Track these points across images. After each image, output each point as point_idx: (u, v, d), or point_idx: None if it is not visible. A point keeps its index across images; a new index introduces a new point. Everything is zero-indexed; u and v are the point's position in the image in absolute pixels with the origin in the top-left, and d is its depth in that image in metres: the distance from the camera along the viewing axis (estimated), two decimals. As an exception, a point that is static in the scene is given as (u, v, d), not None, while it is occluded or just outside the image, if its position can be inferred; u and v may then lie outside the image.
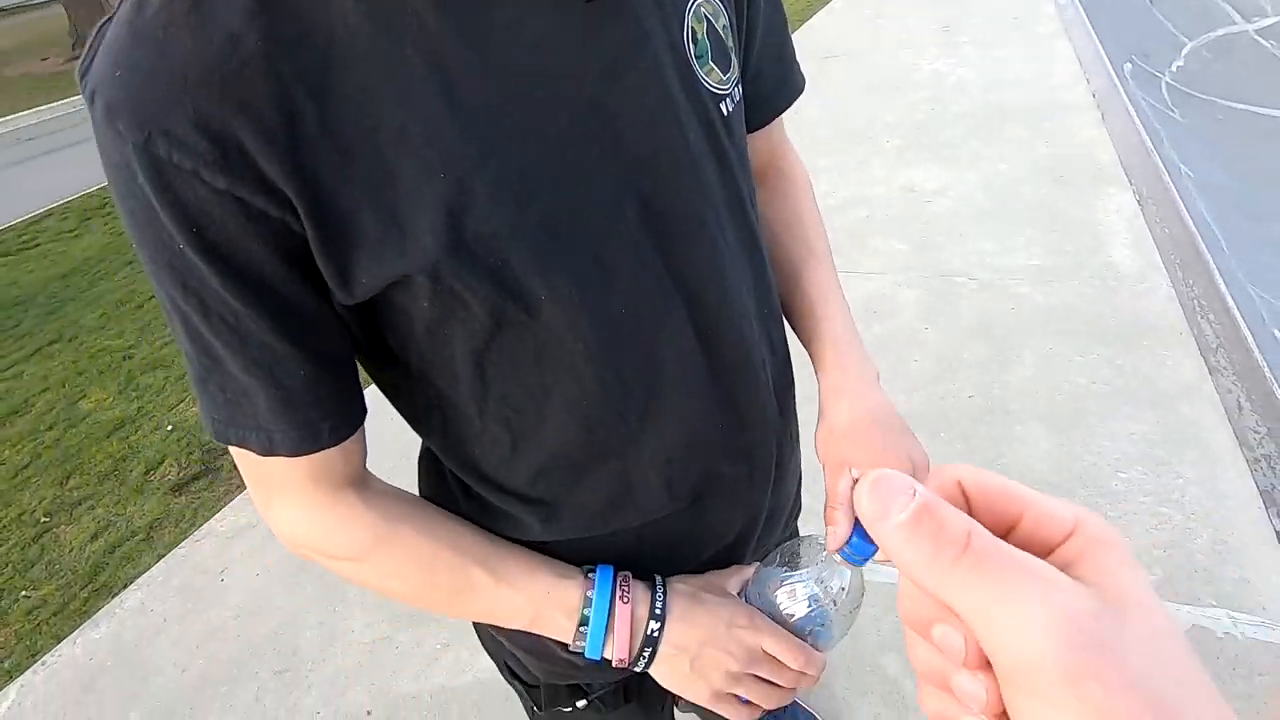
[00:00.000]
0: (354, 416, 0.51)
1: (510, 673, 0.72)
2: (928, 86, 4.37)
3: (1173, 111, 5.71)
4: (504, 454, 0.54)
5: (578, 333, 0.48)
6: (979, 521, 0.21)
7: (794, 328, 0.68)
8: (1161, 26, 6.73)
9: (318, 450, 0.48)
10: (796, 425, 0.71)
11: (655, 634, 0.55)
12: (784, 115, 0.70)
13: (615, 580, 0.56)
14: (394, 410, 0.58)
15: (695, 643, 0.55)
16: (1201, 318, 2.15)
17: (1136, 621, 0.19)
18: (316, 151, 0.39)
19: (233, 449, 0.49)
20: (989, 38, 4.99)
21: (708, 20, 0.49)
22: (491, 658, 0.74)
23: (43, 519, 2.43)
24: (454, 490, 0.60)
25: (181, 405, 2.89)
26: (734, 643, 0.55)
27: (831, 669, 1.50)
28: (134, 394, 3.05)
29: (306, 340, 0.45)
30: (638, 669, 0.57)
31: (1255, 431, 1.77)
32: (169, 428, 2.76)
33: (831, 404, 0.61)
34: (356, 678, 1.67)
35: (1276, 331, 2.87)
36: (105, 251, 4.92)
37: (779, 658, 0.55)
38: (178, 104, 0.37)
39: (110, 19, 0.40)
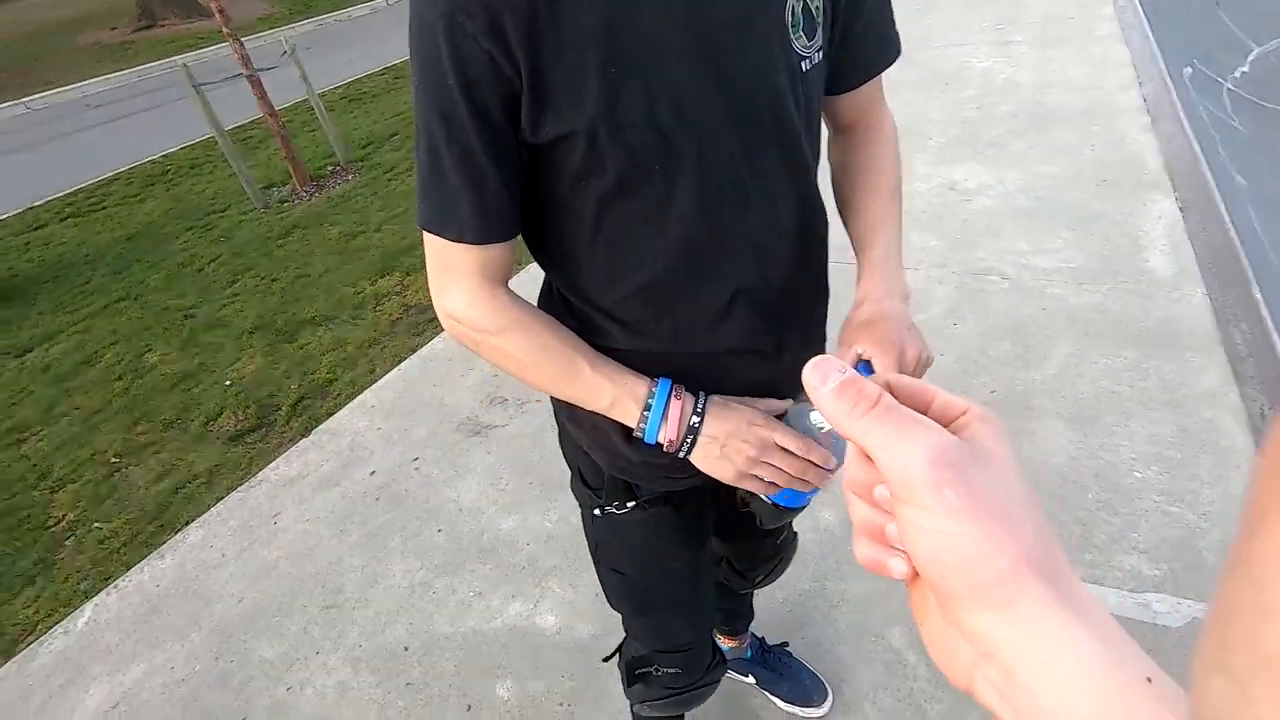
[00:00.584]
0: (517, 227, 0.70)
1: (581, 481, 0.92)
2: (977, 85, 4.34)
3: (1233, 119, 5.53)
4: (602, 283, 0.73)
5: (676, 202, 0.67)
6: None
7: (853, 247, 0.85)
8: (1227, 30, 6.51)
9: (491, 243, 0.68)
10: (824, 326, 0.88)
11: (696, 425, 0.73)
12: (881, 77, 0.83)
13: (672, 386, 0.74)
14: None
15: (724, 434, 0.73)
16: (1233, 326, 2.15)
17: (989, 462, 0.26)
18: (543, 37, 0.58)
19: (428, 242, 0.70)
20: (1043, 37, 4.92)
21: (805, 1, 0.67)
22: (569, 464, 0.94)
23: (113, 460, 2.63)
24: (560, 308, 0.79)
25: (239, 363, 3.07)
26: (752, 435, 0.73)
27: (837, 635, 1.58)
28: (195, 351, 3.25)
29: (503, 165, 0.65)
30: (681, 454, 0.75)
31: (1276, 439, 1.79)
32: (227, 383, 2.94)
33: (856, 307, 0.78)
34: (396, 617, 1.81)
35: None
36: (167, 217, 5.17)
37: (787, 448, 0.73)
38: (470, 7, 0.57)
39: None
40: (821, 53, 0.71)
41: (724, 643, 1.51)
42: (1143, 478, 1.78)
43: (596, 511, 0.92)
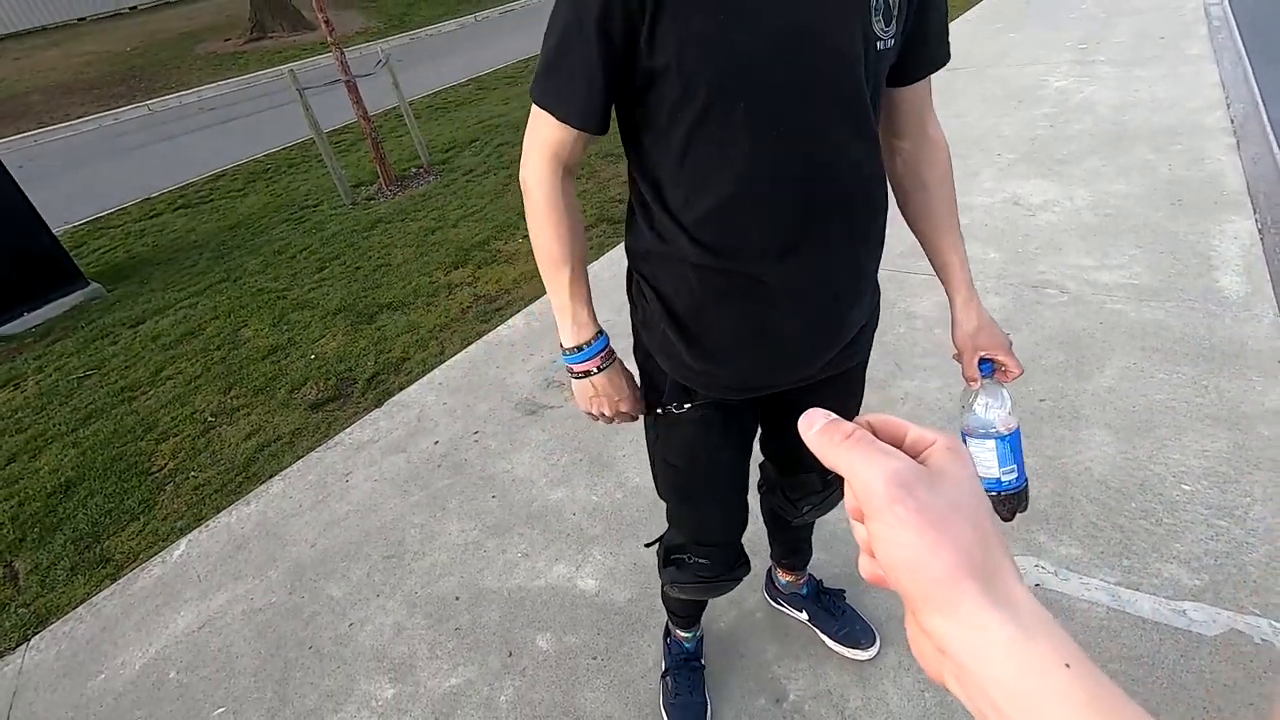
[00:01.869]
0: (605, 127, 0.87)
1: (649, 383, 1.09)
2: (1052, 103, 4.27)
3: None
4: (682, 201, 0.88)
5: (750, 137, 0.81)
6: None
7: (933, 261, 1.08)
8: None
9: (580, 129, 0.86)
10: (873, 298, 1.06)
11: (592, 372, 1.01)
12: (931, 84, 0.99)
13: (603, 348, 1.00)
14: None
15: (601, 387, 1.02)
16: (1305, 348, 2.09)
17: (940, 481, 0.30)
18: (679, 23, 0.75)
19: (534, 116, 0.88)
20: (1129, 57, 4.79)
21: None
22: (639, 369, 1.11)
23: (209, 418, 2.91)
24: (643, 227, 0.95)
25: (322, 340, 3.33)
26: (609, 398, 1.03)
27: (897, 601, 1.63)
28: (285, 327, 3.54)
29: (612, 74, 0.81)
30: (572, 378, 1.02)
31: (1340, 461, 1.74)
32: (311, 357, 3.20)
33: (964, 317, 1.04)
34: (449, 570, 1.96)
35: None
36: (266, 210, 5.60)
37: (627, 410, 1.06)
38: None
39: None
40: (894, 39, 0.84)
41: (782, 576, 1.65)
42: (1191, 490, 1.75)
43: (659, 410, 1.08)
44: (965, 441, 1.00)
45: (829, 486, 1.28)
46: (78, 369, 3.51)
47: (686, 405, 1.05)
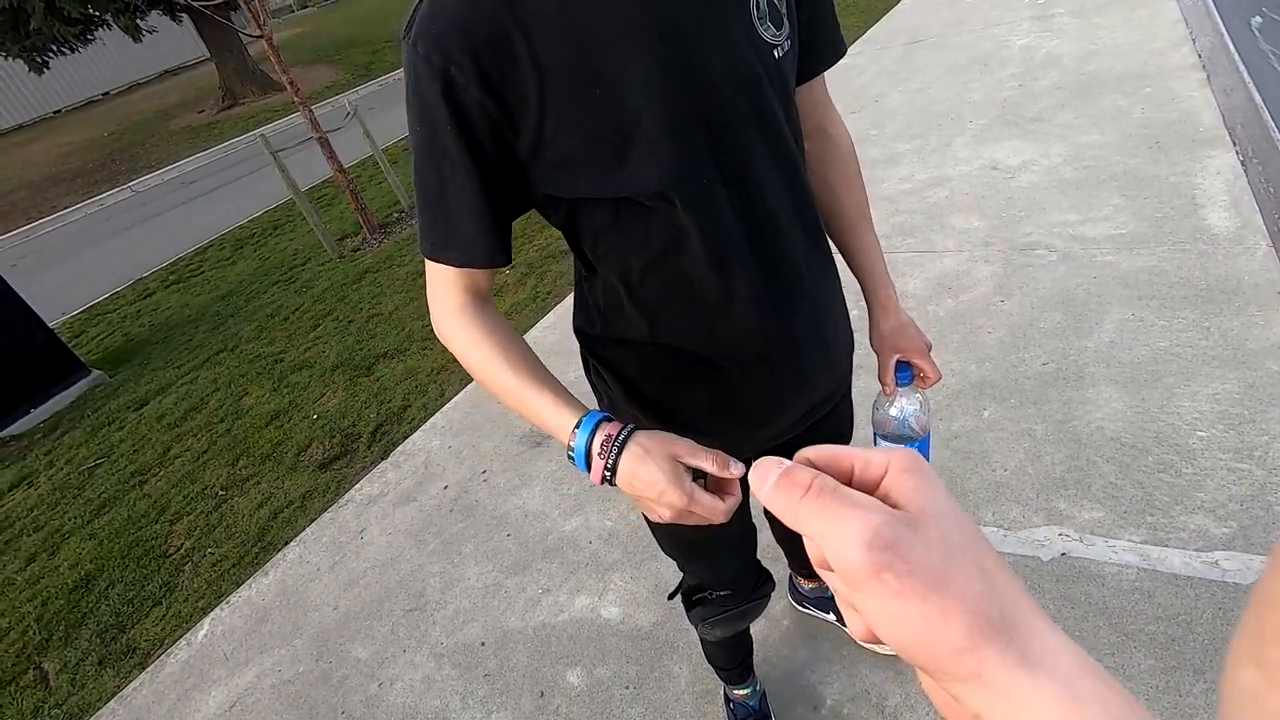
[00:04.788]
0: (506, 258, 0.77)
1: None
2: (1017, 63, 4.25)
3: (1312, 64, 5.17)
4: (616, 271, 0.80)
5: (663, 195, 0.72)
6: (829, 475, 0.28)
7: (849, 264, 1.00)
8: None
9: (480, 267, 0.76)
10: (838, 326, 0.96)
11: (615, 461, 0.72)
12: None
13: (598, 422, 0.74)
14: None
15: (627, 476, 0.72)
16: (1304, 276, 2.05)
17: (924, 526, 0.25)
18: (547, 91, 0.66)
19: (429, 266, 0.78)
20: (1088, 5, 4.77)
21: None
22: None
23: (220, 492, 2.91)
24: (593, 312, 0.88)
25: (324, 398, 3.34)
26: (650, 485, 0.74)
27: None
28: (285, 390, 3.55)
29: (495, 197, 0.72)
30: (607, 481, 0.75)
31: (1354, 387, 1.70)
32: (314, 417, 3.21)
33: (882, 318, 0.98)
34: (472, 616, 1.94)
35: None
36: (256, 274, 5.64)
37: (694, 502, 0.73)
38: (458, 47, 0.64)
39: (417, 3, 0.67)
40: (790, 41, 0.75)
41: (804, 584, 1.64)
42: (1206, 436, 1.72)
43: None
44: (876, 442, 1.01)
45: None
46: (87, 459, 3.53)
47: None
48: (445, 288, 0.79)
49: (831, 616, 1.62)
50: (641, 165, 0.69)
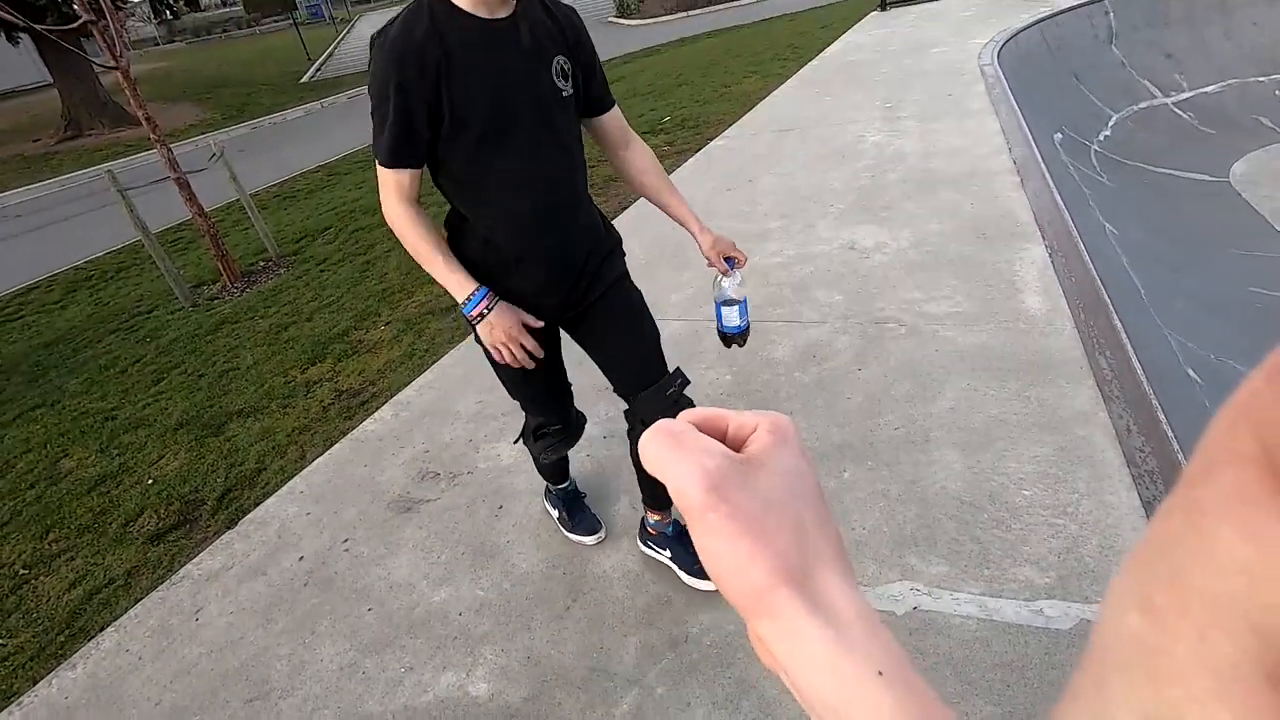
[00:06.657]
0: (422, 163, 1.41)
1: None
2: (870, 156, 4.76)
3: (1101, 176, 6.17)
4: (471, 206, 1.48)
5: (507, 157, 1.40)
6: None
7: (671, 216, 1.64)
8: (1088, 101, 7.34)
9: (411, 168, 1.40)
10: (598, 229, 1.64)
11: (486, 313, 1.47)
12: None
13: (486, 293, 1.47)
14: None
15: (496, 322, 1.48)
16: (1099, 354, 2.39)
17: (755, 476, 0.28)
18: (452, 86, 1.33)
19: (381, 173, 1.40)
20: (926, 112, 5.46)
21: (560, 64, 1.42)
22: None
23: (21, 571, 2.51)
24: (454, 221, 1.53)
25: (162, 461, 3.00)
26: (506, 329, 1.49)
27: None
28: (116, 451, 3.16)
29: (418, 134, 1.35)
30: (475, 324, 1.50)
31: (1141, 451, 1.98)
32: (150, 481, 2.86)
33: (703, 239, 1.59)
34: (324, 703, 1.76)
35: (1190, 370, 3.13)
36: (89, 322, 5.07)
37: (524, 342, 1.52)
38: (407, 63, 1.30)
39: (389, 25, 1.33)
40: (570, 92, 1.45)
41: (650, 515, 1.94)
42: (1030, 495, 1.92)
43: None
44: (719, 308, 1.61)
45: (678, 404, 1.59)
46: None
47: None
48: (389, 188, 1.40)
49: (667, 553, 1.91)
50: (501, 146, 1.38)
